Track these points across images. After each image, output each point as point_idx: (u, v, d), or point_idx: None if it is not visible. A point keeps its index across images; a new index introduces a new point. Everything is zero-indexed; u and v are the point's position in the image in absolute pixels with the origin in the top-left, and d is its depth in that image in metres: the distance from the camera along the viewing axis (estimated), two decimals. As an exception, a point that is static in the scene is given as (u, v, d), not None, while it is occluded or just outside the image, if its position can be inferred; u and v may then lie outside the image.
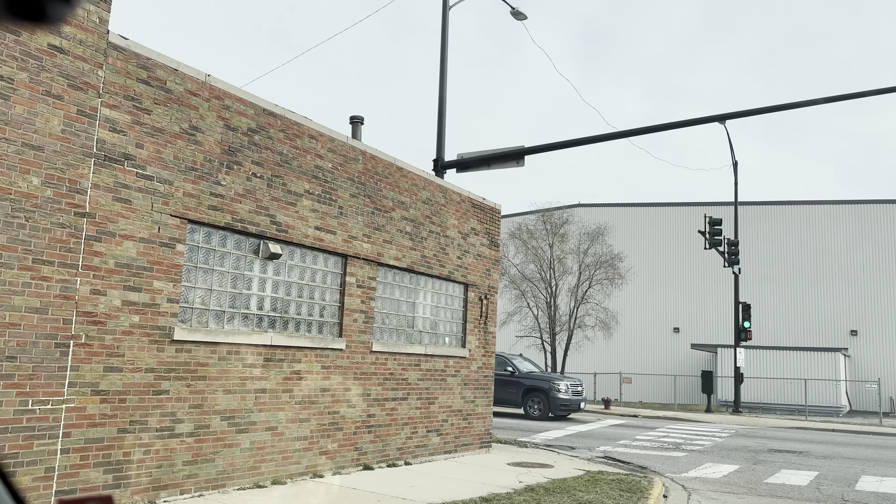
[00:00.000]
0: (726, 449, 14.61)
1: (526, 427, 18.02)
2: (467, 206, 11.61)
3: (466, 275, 11.48)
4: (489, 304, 12.11)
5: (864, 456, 13.98)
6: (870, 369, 36.83)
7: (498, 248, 12.52)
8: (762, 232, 41.69)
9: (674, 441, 15.85)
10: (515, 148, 14.83)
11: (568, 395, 20.03)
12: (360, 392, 9.05)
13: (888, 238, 38.83)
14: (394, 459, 9.60)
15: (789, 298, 40.58)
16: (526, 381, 20.45)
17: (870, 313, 38.57)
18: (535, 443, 14.81)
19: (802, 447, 15.40)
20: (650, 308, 45.16)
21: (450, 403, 10.90)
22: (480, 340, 11.84)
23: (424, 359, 10.37)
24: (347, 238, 8.97)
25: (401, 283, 10.12)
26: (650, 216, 46.16)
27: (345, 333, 8.87)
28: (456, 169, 15.47)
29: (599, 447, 14.49)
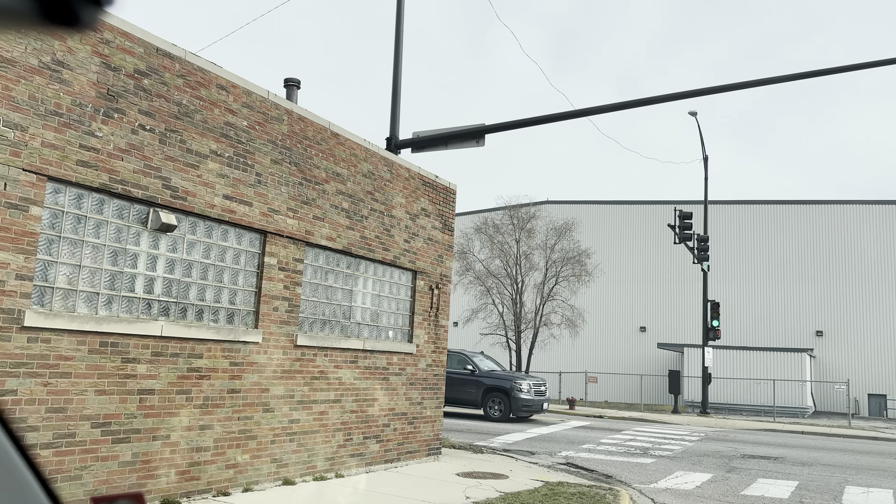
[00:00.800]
0: (697, 455, 13.56)
1: (485, 429, 16.82)
2: (417, 183, 10.31)
3: (415, 260, 10.19)
4: (441, 295, 10.83)
5: (843, 463, 13.03)
6: (835, 370, 36.51)
7: (452, 232, 11.25)
8: (730, 231, 41.19)
9: (641, 446, 14.77)
10: (475, 126, 13.59)
11: (530, 395, 18.87)
12: (280, 393, 7.69)
13: (853, 239, 38.60)
14: (322, 472, 8.26)
15: (756, 298, 40.15)
16: (486, 380, 19.24)
17: (835, 314, 38.28)
18: (492, 447, 13.60)
19: (777, 452, 14.43)
20: (617, 306, 44.42)
21: (393, 406, 9.60)
22: (430, 335, 10.55)
23: (363, 355, 9.04)
24: (267, 211, 7.60)
25: (335, 267, 8.78)
26: (619, 214, 45.43)
27: (262, 324, 7.51)
28: (411, 148, 14.16)
29: (561, 452, 13.34)
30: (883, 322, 37.00)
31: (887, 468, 12.36)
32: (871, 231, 38.25)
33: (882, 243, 37.85)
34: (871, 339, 37.07)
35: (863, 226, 38.50)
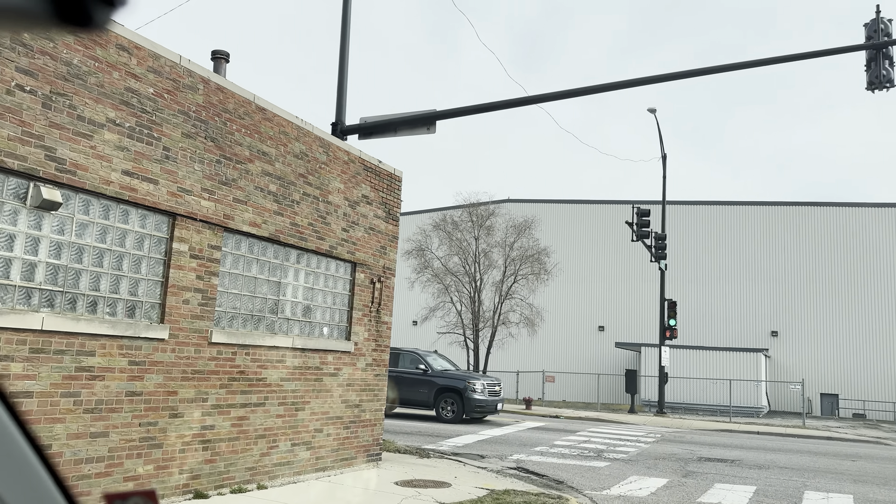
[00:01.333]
0: (652, 457, 13.07)
1: (436, 431, 16.12)
2: (358, 168, 9.53)
3: (354, 251, 9.41)
4: (384, 289, 10.08)
5: (801, 465, 12.68)
6: (789, 370, 36.83)
7: (397, 222, 10.50)
8: (688, 232, 41.31)
9: (595, 448, 14.24)
10: (425, 112, 12.88)
11: (484, 395, 18.24)
12: (190, 396, 6.85)
13: (807, 240, 39.02)
14: (242, 483, 7.43)
15: (713, 299, 40.32)
16: (439, 380, 18.55)
17: (789, 315, 38.65)
18: (441, 451, 12.90)
19: (734, 454, 14.04)
20: (576, 306, 44.22)
21: (326, 409, 8.81)
22: (371, 332, 9.79)
23: (292, 353, 8.24)
24: (177, 191, 6.75)
25: (261, 256, 7.96)
26: (578, 213, 45.25)
27: (169, 318, 6.66)
28: (359, 135, 13.38)
29: (513, 455, 12.71)
30: (835, 323, 37.45)
31: (844, 471, 12.03)
32: (825, 233, 38.71)
33: (835, 246, 38.33)
34: (823, 340, 37.49)
35: (817, 228, 38.93)
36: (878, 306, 36.73)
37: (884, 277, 36.98)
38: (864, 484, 10.68)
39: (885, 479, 11.13)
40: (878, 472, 11.98)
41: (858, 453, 15.31)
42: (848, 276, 37.72)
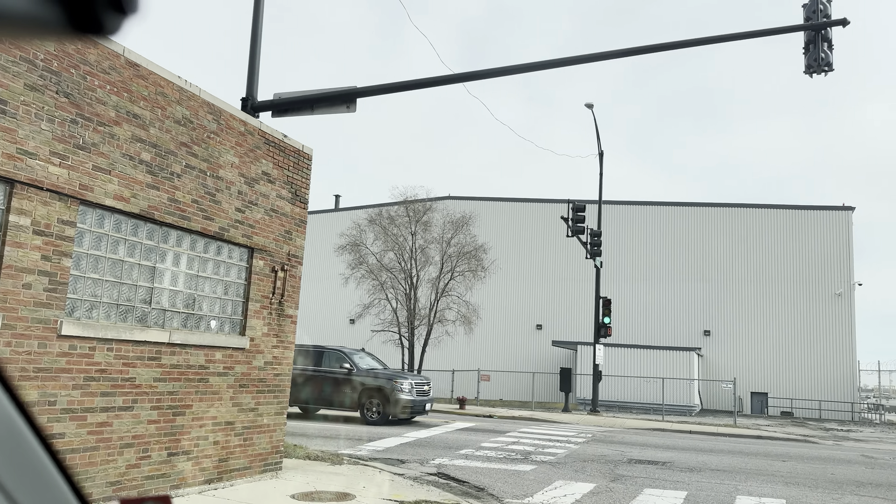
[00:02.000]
0: (581, 459, 12.43)
1: (358, 434, 15.14)
2: (257, 141, 8.48)
3: (252, 235, 8.36)
4: (289, 279, 9.05)
5: (732, 467, 12.25)
6: (720, 369, 37.27)
7: (306, 205, 9.49)
8: (624, 231, 41.45)
9: (523, 449, 13.53)
10: (345, 88, 11.91)
11: (412, 395, 17.34)
12: (33, 399, 5.71)
13: (738, 242, 39.63)
14: (102, 499, 6.32)
15: (649, 298, 40.54)
16: (364, 379, 17.56)
17: (721, 314, 39.16)
18: (358, 456, 11.96)
19: (665, 456, 13.55)
20: (514, 304, 43.85)
21: (214, 413, 7.74)
22: (272, 327, 8.75)
23: (170, 349, 7.15)
24: (16, 153, 5.60)
25: (131, 236, 6.85)
26: (518, 211, 44.91)
27: (3, 305, 5.51)
28: (272, 112, 12.33)
29: (435, 459, 11.87)
30: (765, 323, 38.12)
31: (776, 472, 11.64)
32: (755, 235, 39.38)
33: (765, 247, 39.03)
34: (753, 340, 38.11)
35: (748, 229, 39.58)
36: (806, 307, 37.55)
37: (811, 279, 37.84)
38: (796, 486, 10.26)
39: (816, 481, 10.76)
40: (809, 473, 11.64)
41: (789, 453, 15.09)
42: (777, 277, 38.46)
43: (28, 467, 1.00)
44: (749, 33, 9.92)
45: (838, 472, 11.87)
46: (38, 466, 1.01)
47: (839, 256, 37.71)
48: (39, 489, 1.00)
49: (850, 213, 38.38)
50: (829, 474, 11.55)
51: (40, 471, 1.01)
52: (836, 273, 37.50)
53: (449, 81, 11.16)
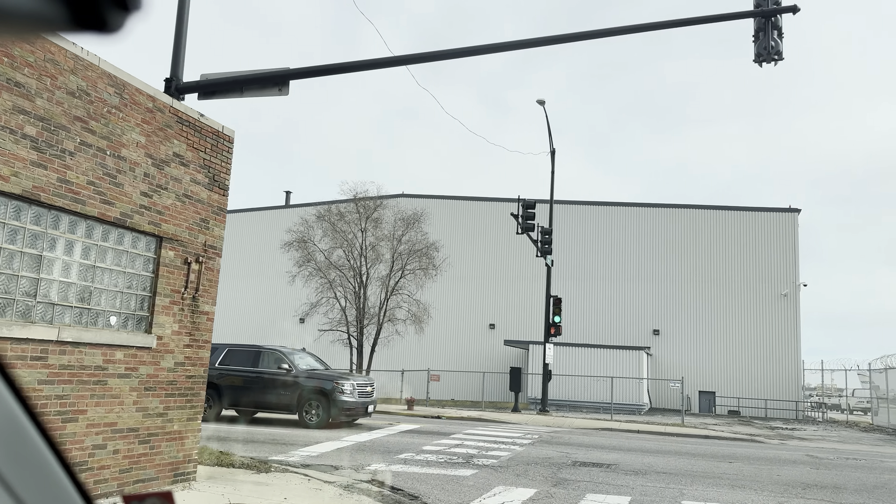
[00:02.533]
0: (525, 462, 11.95)
1: (294, 438, 14.40)
2: (168, 119, 7.72)
3: (160, 222, 7.60)
4: (206, 272, 8.30)
5: (678, 469, 11.93)
6: (670, 368, 37.51)
7: (226, 191, 8.74)
8: (576, 231, 41.45)
9: (466, 452, 12.99)
10: (277, 69, 11.19)
11: (354, 397, 16.64)
12: None
13: (689, 241, 40.01)
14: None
15: (599, 298, 40.61)
16: (304, 380, 16.78)
17: (670, 314, 39.46)
18: (289, 462, 11.25)
19: (611, 458, 13.19)
20: (466, 303, 43.45)
21: (113, 420, 6.96)
22: (185, 324, 7.99)
23: (59, 348, 6.36)
24: None
25: (11, 220, 6.04)
26: (471, 210, 44.53)
27: None
28: (198, 94, 11.52)
29: (371, 465, 11.23)
30: (713, 322, 38.53)
31: (722, 474, 11.36)
32: (705, 235, 39.80)
33: (714, 247, 39.46)
34: (702, 339, 38.48)
35: (698, 229, 39.98)
36: (753, 307, 38.09)
37: (758, 279, 38.40)
38: (742, 490, 9.96)
39: (762, 484, 10.49)
40: (755, 476, 11.39)
41: (735, 454, 14.91)
42: (725, 278, 38.93)
43: (32, 464, 1.01)
44: (699, 19, 9.59)
45: (784, 474, 11.66)
46: (42, 463, 1.02)
47: (785, 257, 38.36)
48: (43, 485, 1.01)
49: (796, 215, 39.09)
50: (774, 476, 11.32)
51: (44, 467, 1.03)
52: (782, 274, 38.14)
53: (389, 64, 10.54)
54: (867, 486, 10.67)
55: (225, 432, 15.13)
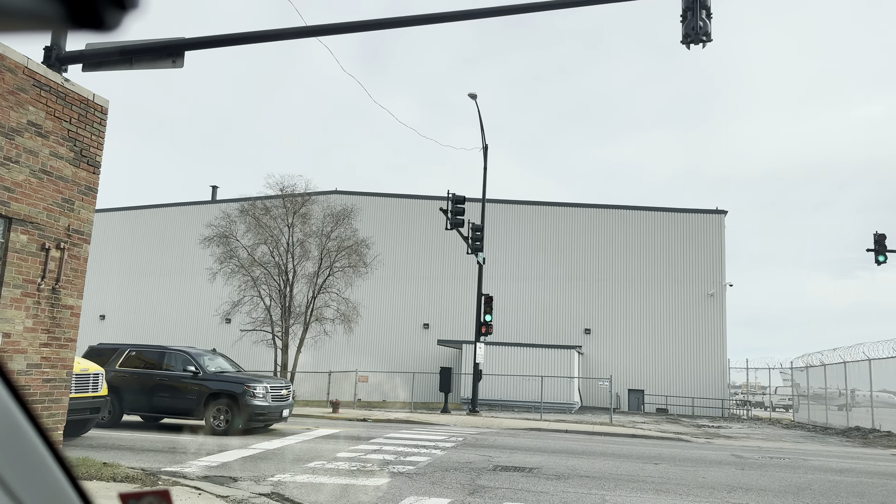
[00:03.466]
0: (443, 469, 11.21)
1: (199, 446, 13.25)
2: (22, 81, 6.61)
3: (10, 201, 6.49)
4: (69, 260, 7.20)
5: (603, 472, 11.42)
6: (600, 366, 37.61)
7: (97, 169, 7.65)
8: (509, 230, 41.19)
9: (383, 459, 12.16)
10: (171, 39, 10.09)
11: (266, 401, 15.56)
12: None
13: (619, 241, 40.28)
14: None
15: (531, 297, 40.45)
16: (212, 383, 15.61)
17: (602, 313, 39.64)
18: (183, 474, 10.18)
19: (534, 461, 12.60)
20: (400, 303, 42.61)
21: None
22: (41, 320, 6.89)
23: None
24: None
25: None
26: (405, 208, 43.70)
27: None
28: (83, 65, 10.26)
29: (276, 475, 10.27)
30: (643, 321, 38.87)
31: (647, 477, 10.90)
32: (635, 235, 40.15)
33: (644, 247, 39.85)
34: (632, 338, 38.78)
35: (628, 230, 40.30)
36: (681, 306, 38.61)
37: (686, 279, 38.96)
38: (667, 494, 9.48)
39: (688, 487, 10.06)
40: (680, 478, 10.97)
41: (661, 454, 14.58)
42: (654, 277, 39.35)
43: (29, 463, 1.00)
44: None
45: (710, 476, 11.30)
46: (40, 463, 1.02)
47: (712, 258, 39.06)
48: (42, 485, 1.01)
49: (723, 217, 39.86)
50: (700, 478, 10.93)
51: (41, 467, 1.02)
52: (709, 274, 38.81)
53: (295, 35, 9.58)
54: (792, 488, 10.39)
55: (121, 440, 13.85)
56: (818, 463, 14.03)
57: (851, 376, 26.61)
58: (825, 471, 12.60)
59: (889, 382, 24.01)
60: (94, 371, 13.60)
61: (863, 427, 24.62)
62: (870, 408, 25.04)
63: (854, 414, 26.25)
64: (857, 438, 22.48)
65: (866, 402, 25.57)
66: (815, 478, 11.52)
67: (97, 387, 13.58)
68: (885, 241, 22.19)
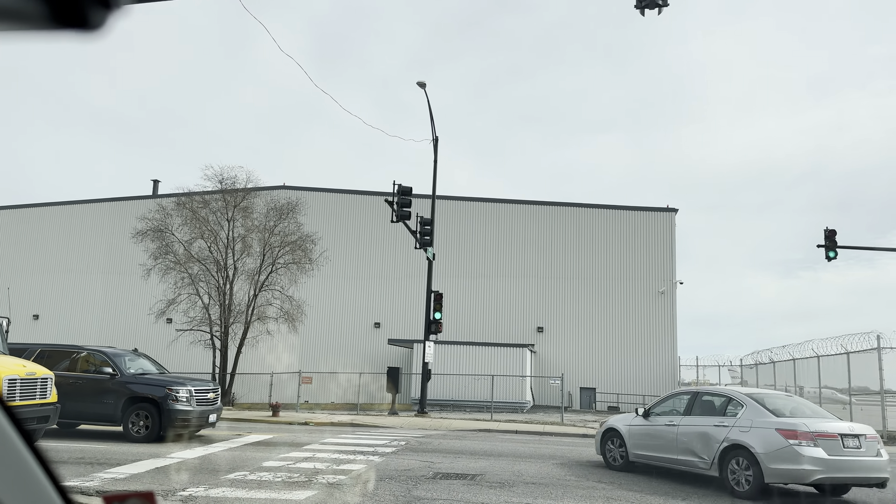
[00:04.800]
0: (378, 477, 10.23)
1: (111, 455, 11.99)
2: None
3: None
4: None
5: (550, 478, 10.60)
6: (553, 364, 37.13)
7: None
8: (460, 228, 40.44)
9: (313, 468, 11.11)
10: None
11: (190, 405, 14.31)
12: None
13: (572, 239, 39.92)
14: None
15: (484, 295, 39.77)
16: (131, 386, 14.30)
17: (554, 311, 39.19)
18: (82, 488, 9.08)
19: (478, 466, 11.72)
20: (350, 301, 41.40)
21: None
22: None
23: None
24: None
25: None
26: (355, 204, 42.51)
27: None
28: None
29: (188, 489, 9.15)
30: (595, 319, 38.56)
31: (595, 483, 10.11)
32: (587, 233, 39.82)
33: (596, 245, 39.55)
34: (584, 335, 38.42)
35: (581, 228, 39.95)
36: (632, 304, 38.42)
37: (637, 277, 38.79)
38: (617, 502, 8.69)
39: (642, 494, 9.30)
40: (632, 484, 10.22)
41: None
42: (606, 275, 39.09)
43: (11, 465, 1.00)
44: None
45: (664, 482, 10.58)
46: (22, 464, 1.01)
47: (663, 255, 38.98)
48: (22, 487, 1.00)
49: (674, 215, 39.83)
50: (654, 485, 10.20)
51: (23, 469, 1.01)
52: (660, 271, 38.73)
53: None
54: (749, 491, 9.73)
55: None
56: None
57: (801, 373, 26.60)
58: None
59: (838, 379, 23.99)
60: (42, 375, 12.24)
61: (811, 423, 24.53)
62: (818, 404, 25.02)
63: (802, 410, 26.21)
64: (807, 435, 22.30)
65: (814, 399, 25.56)
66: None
67: (45, 392, 12.25)
68: (836, 238, 22.09)
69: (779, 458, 9.07)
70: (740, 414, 9.87)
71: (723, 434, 9.82)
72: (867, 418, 21.80)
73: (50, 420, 12.42)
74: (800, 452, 8.96)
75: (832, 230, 22.00)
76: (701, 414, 10.58)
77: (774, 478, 9.17)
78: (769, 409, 9.75)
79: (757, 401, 10.01)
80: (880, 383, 20.93)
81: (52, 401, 12.53)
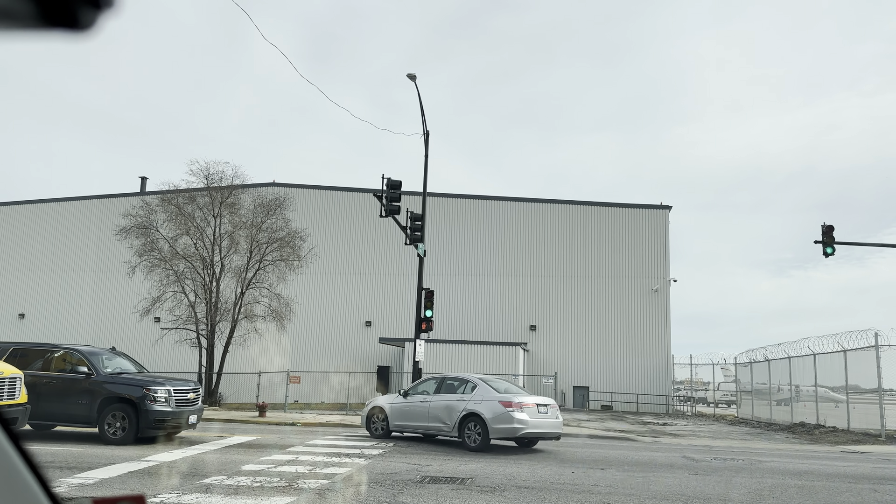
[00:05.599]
0: (363, 482, 9.71)
1: (84, 459, 11.43)
2: None
3: None
4: None
5: (543, 481, 10.11)
6: (546, 363, 36.71)
7: None
8: (452, 225, 39.94)
9: (295, 472, 10.57)
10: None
11: (169, 405, 13.75)
12: None
13: (565, 237, 39.49)
14: None
15: (476, 293, 39.31)
16: (107, 386, 13.72)
17: (547, 309, 38.76)
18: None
19: (469, 469, 11.22)
20: (341, 300, 40.85)
21: None
22: None
23: None
24: None
25: None
26: (347, 202, 41.93)
27: None
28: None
29: (159, 496, 8.59)
30: (588, 317, 38.13)
31: (592, 486, 9.64)
32: (581, 231, 39.40)
33: (590, 242, 39.13)
34: (577, 334, 37.99)
35: (574, 225, 39.52)
36: (626, 302, 38.00)
37: (631, 274, 38.38)
38: (616, 498, 8.22)
39: (639, 499, 8.82)
40: (629, 488, 9.75)
41: (608, 457, 13.41)
42: (600, 273, 38.67)
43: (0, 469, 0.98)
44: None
45: (662, 483, 10.12)
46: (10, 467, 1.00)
47: (656, 253, 38.59)
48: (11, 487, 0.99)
49: (668, 212, 39.45)
50: (652, 487, 9.73)
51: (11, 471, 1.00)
52: (654, 269, 38.33)
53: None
54: (753, 495, 9.29)
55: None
56: (774, 465, 13.08)
57: (796, 371, 26.22)
58: (784, 474, 11.61)
59: (833, 377, 23.62)
60: (10, 374, 11.66)
61: (807, 423, 24.20)
62: (814, 403, 24.65)
63: (798, 409, 25.87)
64: (803, 434, 21.96)
65: (809, 397, 25.20)
66: (776, 483, 10.48)
67: (14, 393, 11.68)
68: (833, 233, 21.71)
69: (499, 420, 13.46)
70: (475, 392, 14.13)
71: (462, 406, 14.06)
72: (864, 417, 21.43)
73: (19, 422, 11.84)
74: (513, 416, 13.44)
75: (830, 226, 21.61)
76: (446, 392, 14.76)
77: (497, 434, 13.53)
78: (494, 388, 14.20)
79: (486, 382, 14.44)
80: (878, 381, 20.56)
81: (22, 401, 11.95)
